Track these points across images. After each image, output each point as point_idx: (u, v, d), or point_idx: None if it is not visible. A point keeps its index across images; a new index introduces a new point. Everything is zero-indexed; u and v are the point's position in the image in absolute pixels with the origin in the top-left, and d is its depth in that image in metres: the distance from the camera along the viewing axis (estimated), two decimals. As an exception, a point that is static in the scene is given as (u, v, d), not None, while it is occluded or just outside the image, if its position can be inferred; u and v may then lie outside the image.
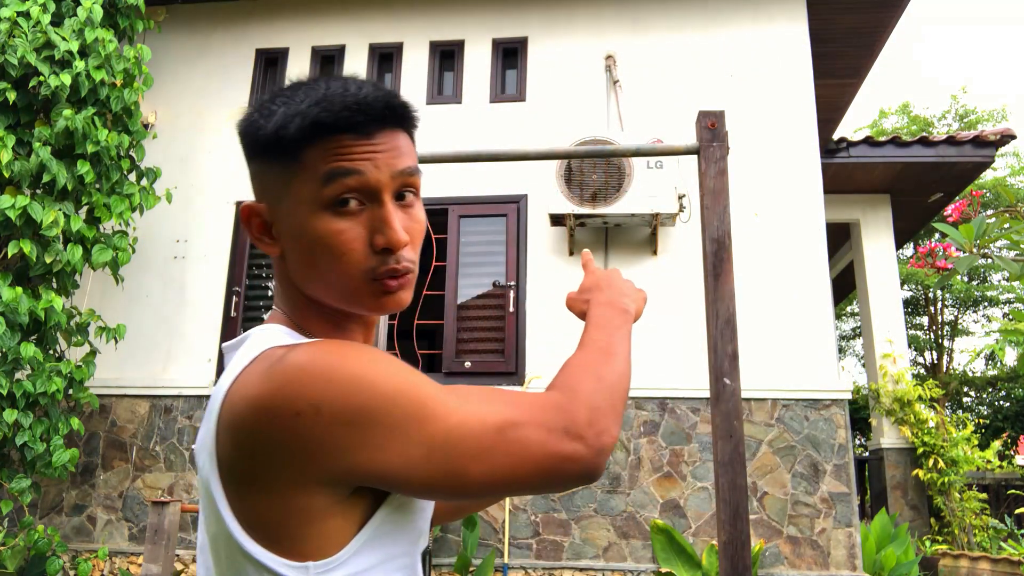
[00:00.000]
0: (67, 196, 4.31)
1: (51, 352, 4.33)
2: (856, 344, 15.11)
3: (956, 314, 13.19)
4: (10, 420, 3.86)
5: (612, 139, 4.64)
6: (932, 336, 12.65)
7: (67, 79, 4.15)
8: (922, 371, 12.30)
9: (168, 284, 5.31)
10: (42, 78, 4.17)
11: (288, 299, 0.84)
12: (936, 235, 8.31)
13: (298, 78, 0.83)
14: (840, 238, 8.13)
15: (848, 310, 14.30)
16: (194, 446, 0.77)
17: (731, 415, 1.62)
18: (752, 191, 4.99)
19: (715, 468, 1.64)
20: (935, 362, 12.49)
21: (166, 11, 5.67)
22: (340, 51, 5.74)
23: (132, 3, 4.68)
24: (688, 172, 4.73)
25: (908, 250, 12.32)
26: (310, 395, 0.66)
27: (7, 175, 4.04)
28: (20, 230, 4.11)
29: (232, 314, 5.18)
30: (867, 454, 8.33)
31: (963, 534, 6.40)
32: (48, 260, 4.14)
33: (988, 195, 11.51)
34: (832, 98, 6.64)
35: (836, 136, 6.97)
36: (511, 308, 4.97)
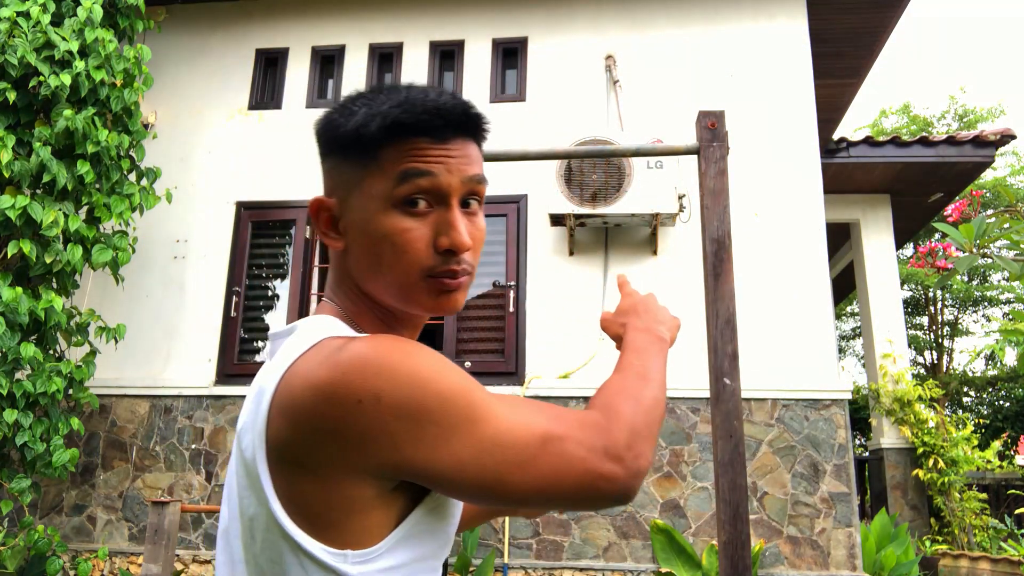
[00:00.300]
0: (67, 196, 4.31)
1: (51, 352, 4.33)
2: (856, 344, 15.10)
3: (956, 314, 13.19)
4: (10, 420, 3.86)
5: (612, 139, 4.64)
6: (932, 336, 12.66)
7: (67, 79, 4.15)
8: (922, 371, 12.30)
9: (168, 284, 5.31)
10: (42, 78, 4.17)
11: (343, 293, 0.86)
12: (936, 235, 8.30)
13: (379, 83, 0.87)
14: (840, 238, 8.13)
15: (848, 310, 14.29)
16: (238, 426, 0.78)
17: (731, 415, 1.62)
18: (752, 191, 4.99)
19: (715, 468, 1.64)
20: (935, 362, 12.49)
21: (166, 11, 5.66)
22: (340, 51, 5.74)
23: (132, 3, 4.68)
24: (688, 172, 4.74)
25: (908, 250, 12.31)
26: (373, 386, 0.68)
27: (7, 175, 4.03)
28: (20, 230, 4.11)
29: (232, 314, 5.18)
30: (867, 454, 8.33)
31: (963, 534, 6.40)
32: (48, 260, 4.14)
33: (988, 195, 11.52)
34: (832, 98, 6.64)
35: (836, 136, 6.97)
36: (511, 308, 4.97)
